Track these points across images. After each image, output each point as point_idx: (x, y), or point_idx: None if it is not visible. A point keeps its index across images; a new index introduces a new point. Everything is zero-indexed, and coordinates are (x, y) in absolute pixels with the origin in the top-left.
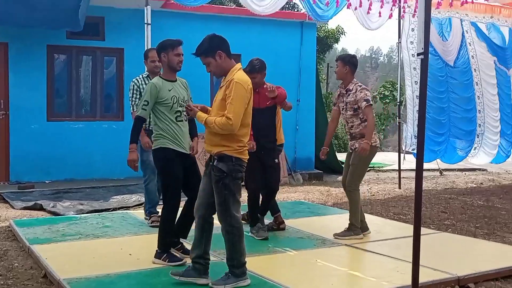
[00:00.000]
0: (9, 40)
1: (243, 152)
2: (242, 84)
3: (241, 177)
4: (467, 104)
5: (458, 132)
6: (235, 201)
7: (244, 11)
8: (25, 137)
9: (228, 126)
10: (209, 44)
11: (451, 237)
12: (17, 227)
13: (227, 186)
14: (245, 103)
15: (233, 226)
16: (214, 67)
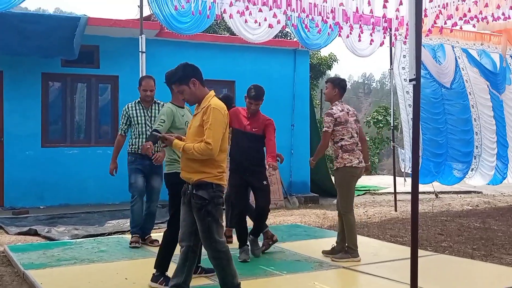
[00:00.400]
0: (4, 68)
1: (222, 178)
2: (220, 110)
3: (222, 202)
4: (464, 125)
5: (456, 154)
6: (219, 226)
7: (237, 39)
8: (19, 163)
9: (207, 151)
10: (183, 72)
11: (448, 258)
12: (11, 253)
13: (210, 212)
14: (223, 128)
15: (220, 251)
16: (188, 95)
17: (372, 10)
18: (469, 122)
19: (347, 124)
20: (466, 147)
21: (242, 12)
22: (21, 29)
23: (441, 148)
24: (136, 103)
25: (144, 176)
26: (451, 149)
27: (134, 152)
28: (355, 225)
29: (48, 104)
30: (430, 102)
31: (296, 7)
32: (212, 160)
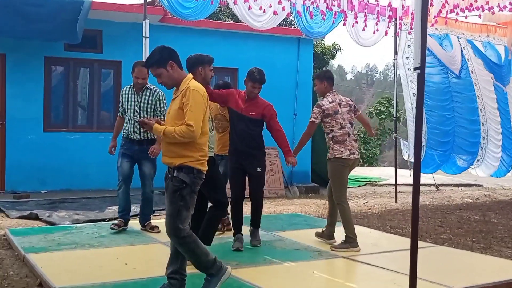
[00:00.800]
0: (7, 51)
1: (204, 164)
2: (199, 91)
3: (197, 190)
4: (471, 114)
5: (463, 143)
6: (187, 215)
7: (241, 26)
8: (21, 147)
9: (190, 133)
10: (160, 55)
11: (448, 250)
12: (12, 236)
13: (184, 198)
14: (204, 109)
15: (184, 236)
16: (165, 78)
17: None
18: (476, 112)
19: (337, 115)
20: (473, 138)
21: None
22: (24, 12)
23: (447, 136)
24: (130, 88)
25: (132, 161)
26: (458, 138)
27: (125, 136)
28: (351, 215)
29: (50, 88)
30: (438, 89)
31: None
32: (194, 143)
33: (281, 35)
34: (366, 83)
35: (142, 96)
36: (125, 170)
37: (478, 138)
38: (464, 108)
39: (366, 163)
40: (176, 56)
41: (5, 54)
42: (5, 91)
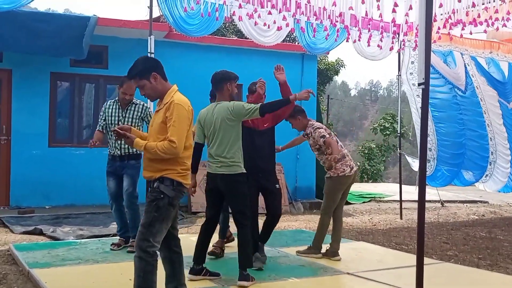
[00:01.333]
0: (13, 66)
1: (185, 177)
2: (183, 105)
3: (176, 205)
4: (480, 128)
5: (474, 156)
6: (161, 228)
7: (245, 43)
8: (26, 162)
9: (172, 150)
10: (143, 66)
11: (453, 267)
12: (16, 251)
13: (159, 208)
14: (188, 124)
15: (148, 253)
16: (149, 90)
17: (381, 15)
18: (484, 127)
19: (332, 135)
20: (483, 152)
21: (251, 14)
22: (31, 28)
23: (459, 148)
24: (114, 102)
25: (117, 178)
26: (469, 151)
27: (108, 154)
28: (327, 228)
29: (56, 103)
30: (446, 102)
31: (305, 10)
32: (176, 158)
33: (285, 51)
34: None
35: (127, 111)
36: (112, 188)
37: (487, 153)
38: (473, 121)
39: (370, 179)
40: (160, 67)
41: (12, 69)
42: (11, 106)
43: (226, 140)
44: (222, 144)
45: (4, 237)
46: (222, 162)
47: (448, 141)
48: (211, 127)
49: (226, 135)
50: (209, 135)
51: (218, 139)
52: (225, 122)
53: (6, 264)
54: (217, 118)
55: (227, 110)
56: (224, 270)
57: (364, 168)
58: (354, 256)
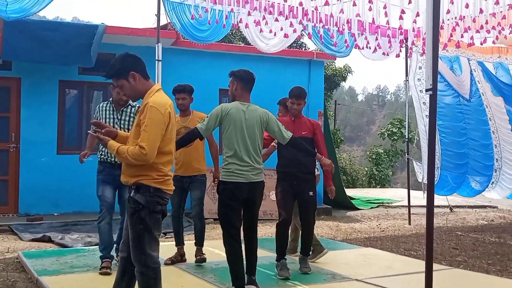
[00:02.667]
0: (22, 75)
1: (164, 182)
2: (158, 108)
3: (160, 210)
4: (484, 138)
5: (477, 166)
6: (152, 238)
7: (252, 49)
8: (35, 170)
9: (141, 156)
10: (121, 65)
11: (463, 273)
12: (25, 259)
13: (143, 220)
14: (162, 129)
15: (148, 266)
16: (128, 90)
17: (388, 22)
18: (488, 135)
19: None
20: (487, 160)
21: (258, 21)
22: (40, 37)
23: (462, 159)
24: (108, 103)
25: (114, 188)
26: (472, 161)
27: (103, 161)
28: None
29: (64, 111)
30: (450, 111)
31: (312, 17)
32: (151, 163)
33: (292, 57)
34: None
35: (122, 113)
36: (109, 198)
37: (491, 161)
38: (476, 130)
39: (378, 184)
40: (140, 65)
41: (21, 77)
42: (20, 114)
43: (258, 145)
44: (255, 148)
45: (13, 244)
46: (258, 169)
47: (451, 151)
48: (239, 127)
49: (258, 140)
50: (235, 135)
51: (250, 143)
52: (259, 127)
53: (15, 272)
54: (250, 120)
55: (262, 117)
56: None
57: (372, 174)
58: (363, 262)
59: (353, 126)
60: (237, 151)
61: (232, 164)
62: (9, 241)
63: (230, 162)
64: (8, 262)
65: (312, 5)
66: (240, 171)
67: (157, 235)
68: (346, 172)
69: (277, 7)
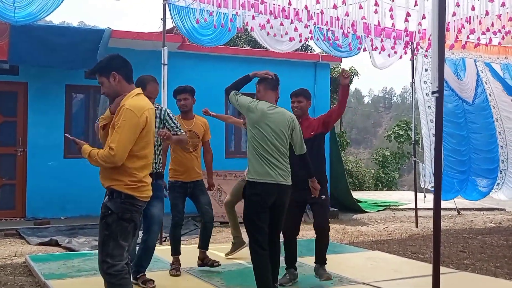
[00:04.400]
0: (29, 79)
1: (138, 189)
2: (134, 111)
3: (129, 218)
4: (487, 145)
5: (480, 169)
6: (116, 246)
7: (258, 52)
8: (42, 174)
9: (109, 158)
10: (106, 63)
11: (471, 276)
12: (32, 263)
13: (109, 226)
14: (136, 132)
15: (109, 274)
16: (106, 88)
17: (394, 24)
18: (493, 138)
19: None
20: (491, 164)
21: (263, 25)
22: (47, 42)
23: (463, 165)
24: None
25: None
26: (474, 165)
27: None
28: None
29: (71, 115)
30: (452, 116)
31: (317, 21)
32: (124, 167)
33: (298, 60)
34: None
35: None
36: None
37: (496, 164)
38: (479, 135)
39: (385, 187)
40: (125, 68)
41: (28, 82)
42: (27, 118)
43: (286, 147)
44: (284, 149)
45: (20, 248)
46: (288, 171)
47: (453, 158)
48: (270, 127)
49: (287, 142)
50: (267, 135)
51: (279, 145)
52: (286, 130)
53: (23, 276)
54: (278, 121)
55: (289, 121)
56: (238, 281)
57: (379, 176)
58: (370, 266)
59: (359, 129)
60: (267, 149)
61: (267, 161)
62: (17, 245)
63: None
64: (16, 266)
65: (317, 8)
66: (276, 170)
67: (125, 244)
68: (352, 174)
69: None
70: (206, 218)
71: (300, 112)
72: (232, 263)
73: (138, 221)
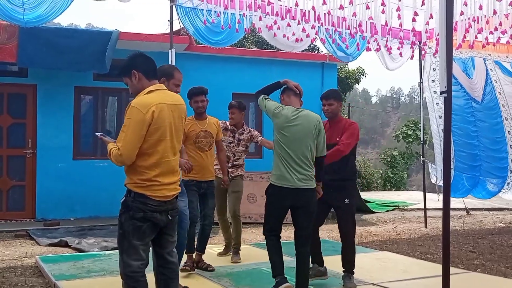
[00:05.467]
0: (38, 82)
1: (148, 188)
2: (139, 108)
3: (142, 217)
4: (496, 143)
5: (490, 167)
6: (130, 246)
7: (265, 53)
8: (51, 175)
9: (117, 157)
10: (126, 63)
11: (480, 277)
12: (43, 264)
13: (122, 225)
14: (142, 129)
15: (126, 274)
16: (130, 88)
17: (401, 24)
18: (502, 137)
19: None
20: (500, 163)
21: (271, 26)
22: (55, 44)
23: (475, 161)
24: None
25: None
26: (485, 163)
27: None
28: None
29: (80, 117)
30: (462, 113)
31: (324, 21)
32: (134, 165)
33: (305, 60)
34: (391, 106)
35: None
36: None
37: (506, 163)
38: (488, 133)
39: (393, 187)
40: (146, 65)
41: (37, 84)
42: (36, 120)
43: (309, 151)
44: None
45: (30, 249)
46: (309, 175)
47: (464, 152)
48: (293, 132)
49: (311, 146)
50: (290, 139)
51: (302, 149)
52: (310, 134)
53: (33, 277)
54: (302, 126)
55: (315, 125)
56: (247, 281)
57: (387, 176)
58: (379, 266)
59: (367, 129)
60: (288, 154)
61: (288, 166)
62: (27, 246)
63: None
64: (26, 267)
65: (324, 9)
66: (296, 174)
67: (138, 244)
68: (361, 175)
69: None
70: (206, 221)
71: (331, 115)
72: (241, 264)
73: (159, 221)
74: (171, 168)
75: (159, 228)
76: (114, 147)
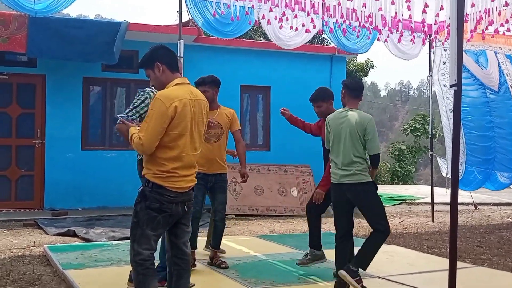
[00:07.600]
0: (47, 72)
1: (167, 179)
2: (163, 101)
3: (158, 208)
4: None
5: (504, 159)
6: (143, 236)
7: (273, 45)
8: (59, 165)
9: (139, 146)
10: (149, 55)
11: (487, 271)
12: (51, 253)
13: (137, 214)
14: (164, 121)
15: (135, 262)
16: (153, 80)
17: (411, 15)
18: None
19: None
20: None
21: (280, 18)
22: (64, 34)
23: (489, 154)
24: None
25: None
26: (499, 154)
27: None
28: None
29: (88, 107)
30: (476, 105)
31: (333, 13)
32: (154, 157)
33: (313, 53)
34: (400, 100)
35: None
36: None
37: None
38: (505, 123)
39: (401, 181)
40: (167, 57)
41: (46, 75)
42: (45, 111)
43: (352, 149)
44: (351, 151)
45: (38, 238)
46: (356, 171)
47: (476, 145)
48: (338, 131)
49: (355, 144)
50: (335, 138)
51: (346, 147)
52: (353, 132)
53: (41, 265)
54: (346, 125)
55: (358, 123)
56: (253, 273)
57: (395, 170)
58: (385, 260)
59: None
60: (332, 153)
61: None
62: (35, 235)
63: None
64: (34, 255)
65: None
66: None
67: (151, 234)
68: None
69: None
70: (217, 217)
71: (322, 115)
72: (247, 255)
73: (174, 212)
74: (190, 163)
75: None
76: (136, 134)
